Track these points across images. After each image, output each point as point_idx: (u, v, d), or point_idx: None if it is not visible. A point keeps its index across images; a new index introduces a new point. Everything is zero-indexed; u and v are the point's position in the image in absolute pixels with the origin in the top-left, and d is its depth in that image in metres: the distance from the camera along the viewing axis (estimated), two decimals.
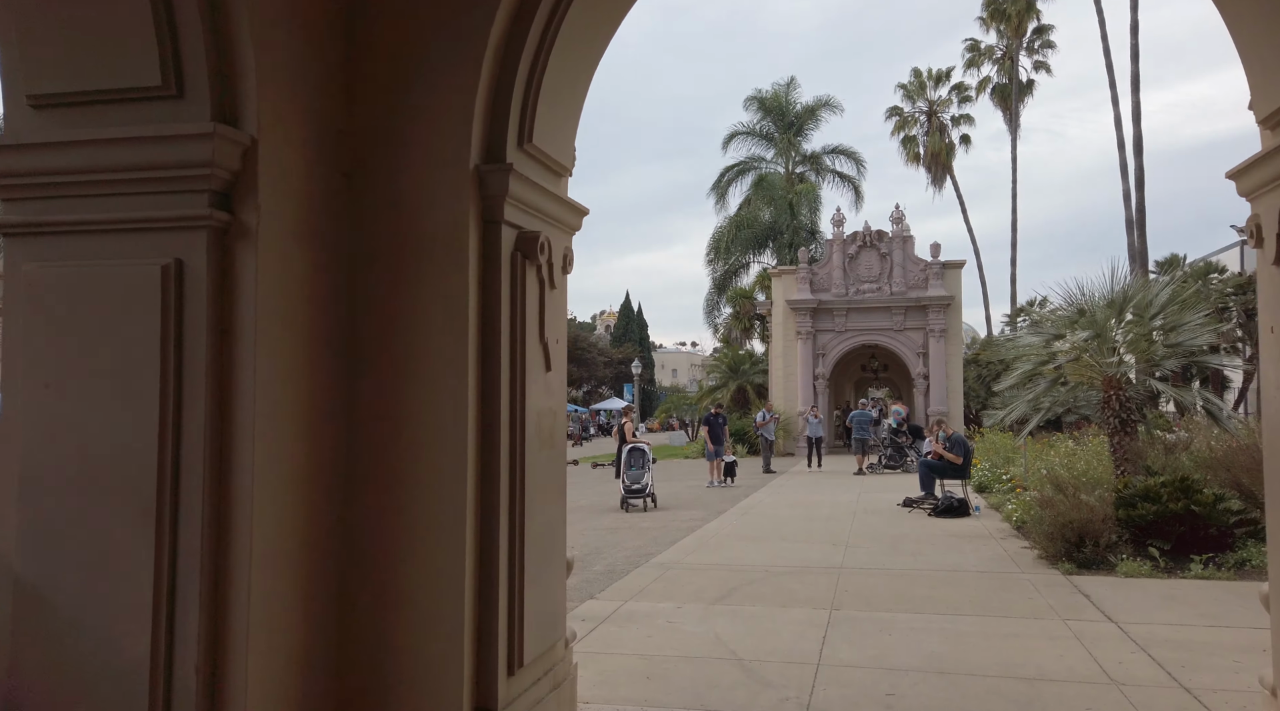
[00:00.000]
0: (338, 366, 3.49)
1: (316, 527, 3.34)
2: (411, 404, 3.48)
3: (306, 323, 3.30)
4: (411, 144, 3.52)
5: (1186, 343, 10.16)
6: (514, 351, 3.68)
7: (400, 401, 3.49)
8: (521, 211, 3.74)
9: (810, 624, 6.49)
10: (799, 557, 9.47)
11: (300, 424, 3.25)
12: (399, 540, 3.46)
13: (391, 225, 3.54)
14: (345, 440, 3.51)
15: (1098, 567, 8.41)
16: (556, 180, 4.14)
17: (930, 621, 6.53)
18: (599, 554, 10.01)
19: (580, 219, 4.34)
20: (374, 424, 3.51)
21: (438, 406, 3.46)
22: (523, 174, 3.65)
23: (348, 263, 3.55)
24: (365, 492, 3.50)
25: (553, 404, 4.04)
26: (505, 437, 3.61)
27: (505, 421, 3.61)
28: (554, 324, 4.02)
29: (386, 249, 3.55)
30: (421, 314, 3.50)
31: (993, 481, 15.92)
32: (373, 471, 3.49)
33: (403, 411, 3.49)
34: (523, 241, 3.73)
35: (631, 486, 14.57)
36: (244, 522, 2.99)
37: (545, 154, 3.89)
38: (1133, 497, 8.81)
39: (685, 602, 7.28)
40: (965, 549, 9.88)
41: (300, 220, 3.28)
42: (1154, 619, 6.52)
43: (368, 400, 3.52)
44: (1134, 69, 32.31)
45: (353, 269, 3.56)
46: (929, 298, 29.01)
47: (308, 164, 3.32)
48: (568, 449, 36.74)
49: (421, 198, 3.52)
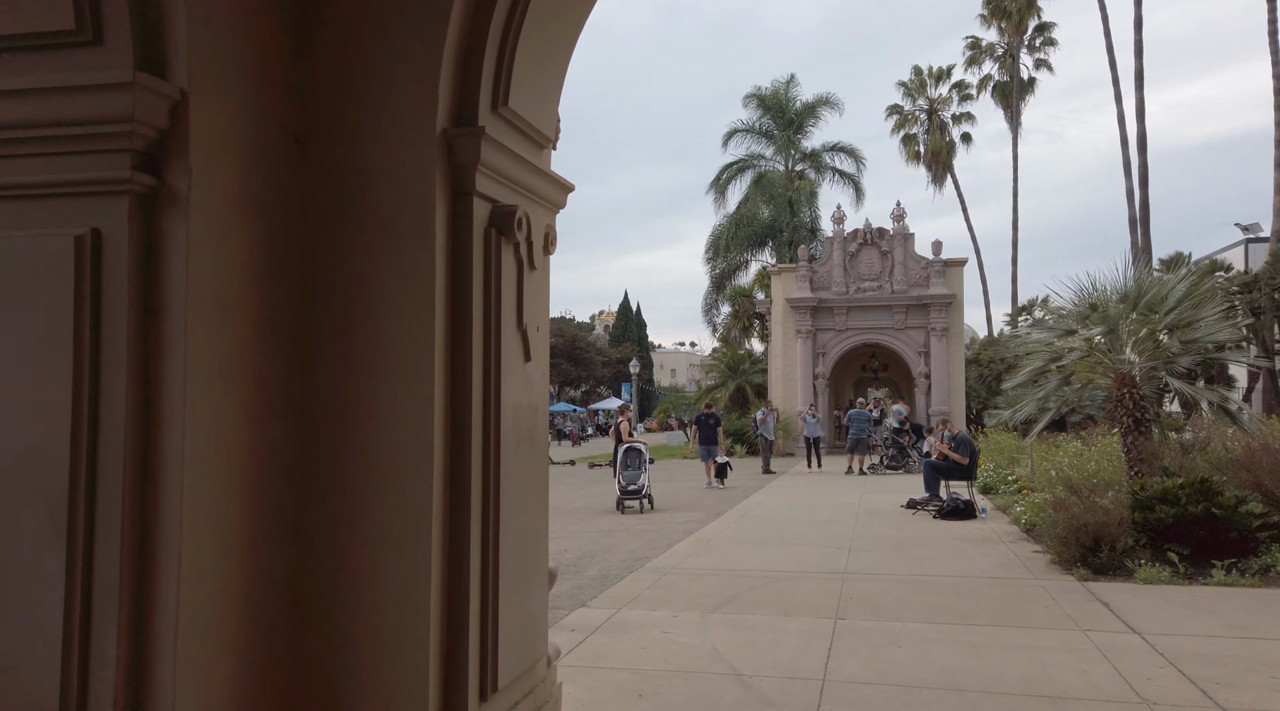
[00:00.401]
0: (288, 354, 3.10)
1: (262, 540, 2.95)
2: (371, 397, 3.09)
3: (250, 304, 2.91)
4: (371, 104, 3.13)
5: (1203, 339, 9.77)
6: (488, 339, 3.30)
7: (359, 394, 3.10)
8: (497, 183, 3.36)
9: (814, 634, 6.10)
10: (801, 562, 9.08)
11: (242, 419, 2.86)
12: (356, 551, 3.06)
13: (350, 196, 3.16)
14: (298, 438, 3.12)
15: (1114, 573, 8.02)
16: (538, 151, 3.75)
17: (942, 632, 6.14)
18: (592, 558, 9.62)
19: (565, 195, 3.95)
20: (329, 420, 3.12)
21: (401, 400, 3.07)
22: (497, 140, 3.27)
23: (300, 238, 3.16)
24: (320, 499, 3.11)
25: (533, 398, 3.65)
26: (477, 436, 3.22)
27: (477, 418, 3.22)
28: (534, 309, 3.63)
29: (344, 223, 3.16)
30: (383, 296, 3.12)
31: (998, 482, 15.55)
32: (328, 475, 3.11)
33: (361, 406, 3.10)
34: (498, 216, 3.34)
35: (628, 487, 14.18)
36: (172, 533, 2.60)
37: (524, 120, 3.50)
38: (1150, 500, 8.43)
39: (681, 611, 6.89)
40: (974, 553, 9.49)
41: (242, 188, 2.89)
42: (1179, 629, 6.13)
43: (323, 393, 3.13)
44: (1138, 65, 31.95)
45: (306, 245, 3.17)
46: (930, 296, 28.63)
47: (251, 125, 2.93)
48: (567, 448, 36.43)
49: (383, 165, 3.13)
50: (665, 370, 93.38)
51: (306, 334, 3.14)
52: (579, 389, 66.36)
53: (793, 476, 21.07)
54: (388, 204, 3.13)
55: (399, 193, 3.12)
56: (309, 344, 3.14)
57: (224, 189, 2.81)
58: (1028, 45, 45.95)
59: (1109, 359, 10.04)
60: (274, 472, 3.00)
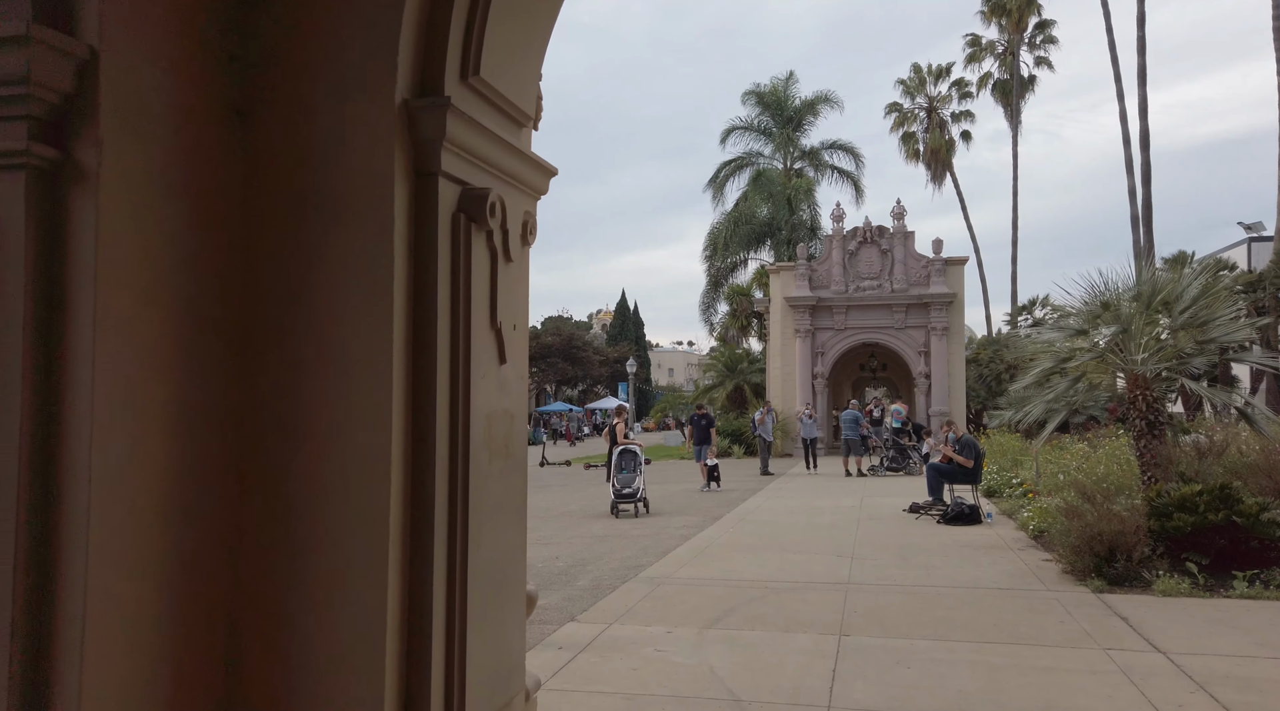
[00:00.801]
0: (224, 356, 2.71)
1: (191, 568, 2.57)
2: (321, 406, 2.71)
3: (176, 298, 2.53)
4: (322, 72, 2.75)
5: (1220, 338, 9.41)
6: (456, 339, 2.92)
7: (306, 402, 2.72)
8: (466, 163, 2.98)
9: (817, 654, 5.72)
10: (802, 571, 8.70)
11: (165, 429, 2.48)
12: (303, 582, 2.68)
13: (297, 177, 2.77)
14: (235, 452, 2.74)
15: (1131, 584, 7.66)
16: (515, 130, 3.37)
17: (954, 650, 5.77)
18: (584, 566, 9.24)
19: (546, 180, 3.56)
20: (272, 432, 2.74)
21: (354, 409, 2.70)
22: (466, 114, 2.88)
23: (240, 224, 2.78)
24: (260, 521, 2.72)
25: (508, 404, 3.27)
26: (443, 447, 2.84)
27: (443, 427, 2.84)
28: (510, 306, 3.25)
29: (291, 207, 2.78)
30: (335, 290, 2.73)
31: (1002, 485, 15.19)
32: (269, 494, 2.72)
33: (309, 415, 2.72)
34: (468, 200, 2.96)
35: (622, 491, 13.80)
36: (75, 569, 2.22)
37: (498, 94, 3.12)
38: (1167, 507, 8.06)
39: (676, 626, 6.51)
40: (982, 561, 9.12)
41: (168, 165, 2.51)
42: (1206, 648, 5.77)
43: (265, 401, 2.75)
44: (1140, 61, 31.58)
45: (247, 232, 2.79)
46: (931, 295, 28.27)
47: (180, 93, 2.55)
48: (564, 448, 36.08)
49: (335, 141, 2.75)
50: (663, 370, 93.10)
51: (246, 333, 2.76)
52: (576, 388, 65.97)
53: (791, 478, 20.70)
54: (340, 185, 2.75)
55: (353, 172, 2.74)
56: (249, 344, 2.76)
57: (144, 165, 2.43)
58: (1028, 42, 45.62)
59: (1122, 359, 9.68)
60: (204, 491, 2.62)
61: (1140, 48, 31.69)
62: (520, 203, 3.36)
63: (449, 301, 2.89)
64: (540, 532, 12.05)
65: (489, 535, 3.10)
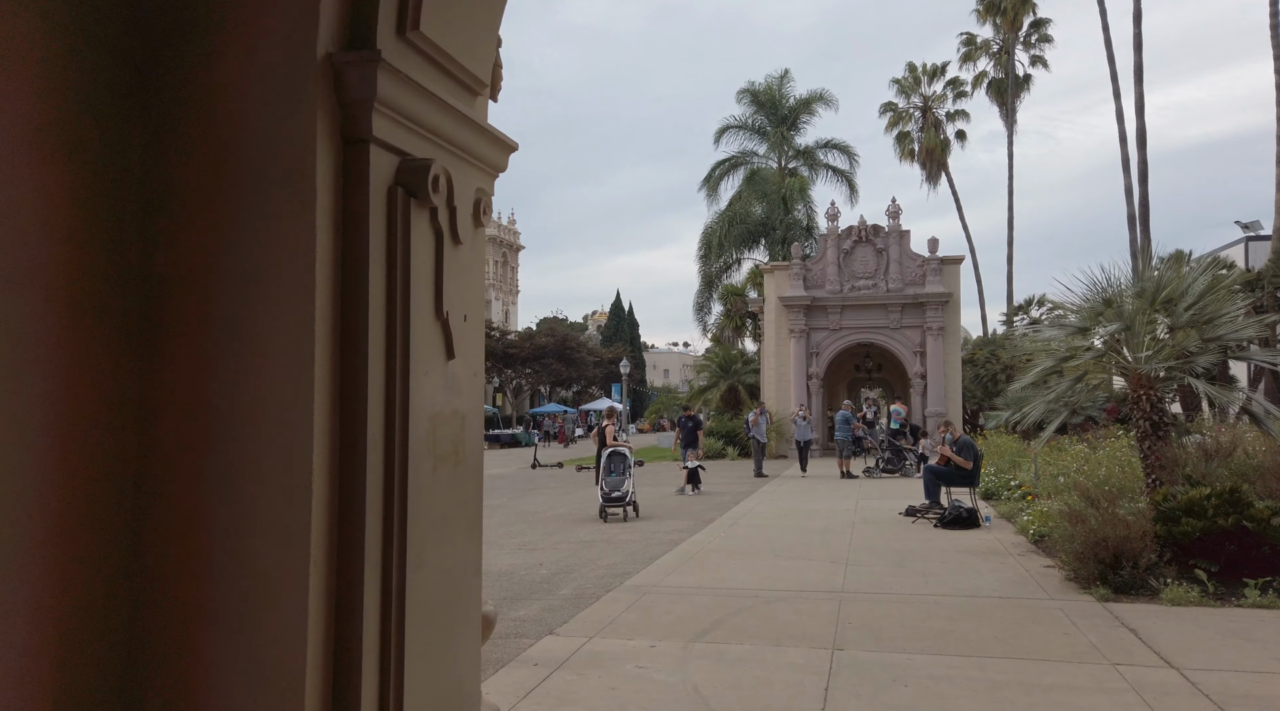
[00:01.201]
0: (118, 346, 2.35)
1: (76, 590, 2.20)
2: (230, 406, 2.35)
3: (55, 278, 2.17)
4: (233, 21, 2.39)
5: (1227, 336, 9.08)
6: (392, 331, 2.56)
7: (213, 401, 2.36)
8: (405, 130, 2.62)
9: (809, 670, 5.37)
10: (794, 578, 8.35)
11: (41, 432, 2.12)
12: (210, 609, 2.32)
13: (206, 142, 2.41)
14: (134, 456, 2.38)
15: (1137, 593, 7.32)
16: (467, 98, 3.01)
17: (954, 667, 5.42)
18: (568, 573, 8.88)
19: (504, 156, 3.20)
20: (174, 432, 2.38)
21: (270, 409, 2.34)
22: (404, 73, 2.53)
23: (138, 196, 2.42)
24: (159, 539, 2.36)
25: (458, 404, 2.91)
26: (376, 453, 2.49)
27: (376, 430, 2.49)
28: (460, 293, 2.89)
29: (200, 178, 2.42)
30: (250, 273, 2.38)
31: (1000, 488, 14.87)
32: (172, 506, 2.36)
33: (217, 416, 2.36)
34: (407, 173, 2.61)
35: (610, 494, 13.43)
36: None
37: (444, 54, 2.76)
38: (1174, 511, 7.73)
39: (661, 639, 6.15)
40: (981, 568, 8.78)
41: (45, 124, 2.15)
42: (1222, 663, 5.43)
43: (165, 400, 2.39)
44: (1137, 59, 31.33)
45: (146, 206, 2.43)
46: (927, 294, 27.95)
47: (62, 41, 2.19)
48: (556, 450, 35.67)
49: (248, 101, 2.39)
50: (658, 370, 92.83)
51: (144, 320, 2.40)
52: (570, 389, 65.58)
53: (785, 481, 20.35)
54: (255, 153, 2.39)
55: (270, 139, 2.38)
56: (148, 334, 2.40)
57: (15, 122, 2.07)
58: (1023, 41, 45.40)
59: (1124, 358, 9.35)
60: (90, 504, 2.25)
61: (1137, 44, 31.45)
62: (472, 179, 3.00)
63: (384, 287, 2.54)
64: (525, 537, 11.69)
65: (434, 552, 2.74)
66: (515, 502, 16.73)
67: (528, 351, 55.08)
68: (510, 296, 72.37)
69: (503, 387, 58.03)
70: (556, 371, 58.54)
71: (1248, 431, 10.71)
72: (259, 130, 2.39)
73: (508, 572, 9.00)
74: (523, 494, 18.71)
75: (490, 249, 69.33)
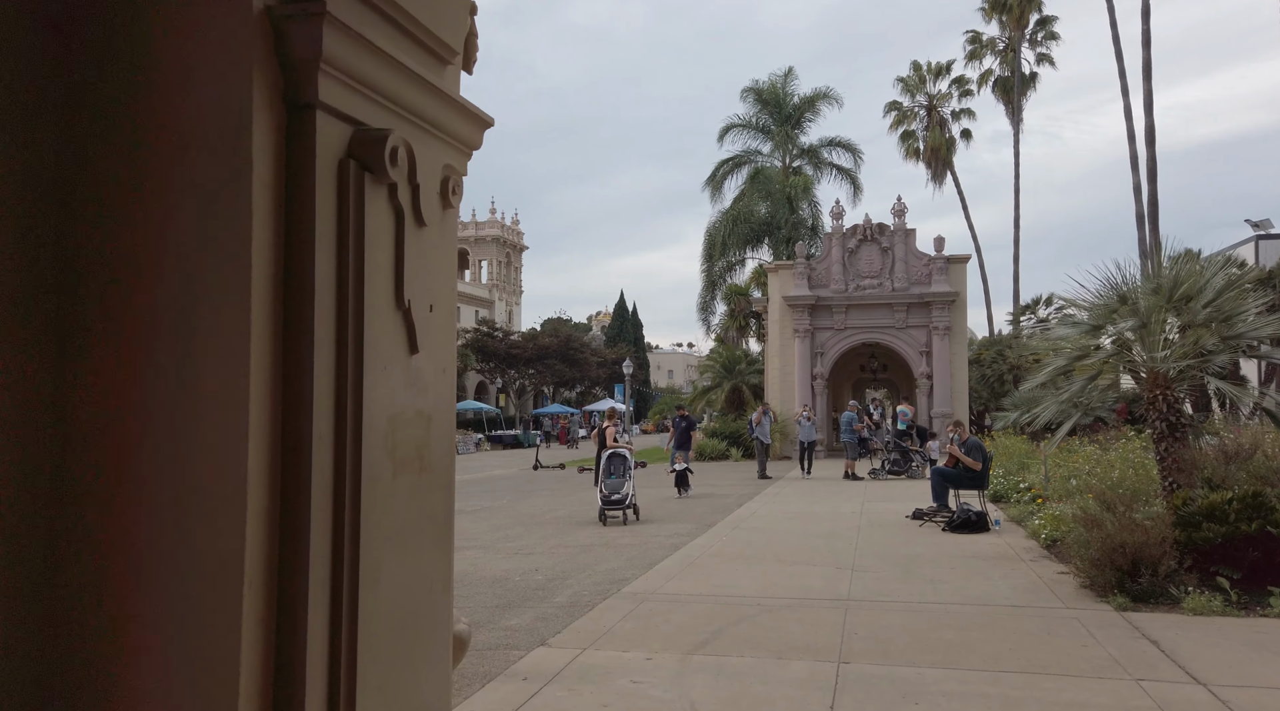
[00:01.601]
0: (31, 340, 2.08)
1: None
2: (157, 406, 2.08)
3: None
4: None
5: (1248, 334, 8.77)
6: (343, 321, 2.28)
7: (138, 401, 2.09)
8: (359, 96, 2.34)
9: (813, 686, 5.08)
10: (798, 585, 8.06)
11: None
12: (129, 636, 2.05)
13: (131, 109, 2.14)
14: (49, 463, 2.10)
15: (1157, 601, 7.02)
16: (435, 66, 2.72)
17: (967, 682, 5.12)
18: (564, 579, 8.59)
19: (478, 131, 2.92)
20: (94, 436, 2.10)
21: (201, 410, 2.06)
22: (355, 30, 2.25)
23: (53, 170, 2.14)
24: (78, 554, 2.09)
25: (423, 404, 2.63)
26: (325, 458, 2.21)
27: (325, 432, 2.21)
28: (425, 280, 2.61)
29: (124, 149, 2.15)
30: (180, 255, 2.10)
31: (1009, 490, 14.54)
32: (92, 518, 2.09)
33: (142, 418, 2.08)
34: (360, 143, 2.33)
35: (610, 497, 13.14)
36: None
37: (404, 14, 2.48)
38: (1194, 516, 7.42)
39: (657, 651, 5.87)
40: (992, 574, 8.48)
41: None
42: (1251, 678, 5.13)
43: (82, 400, 2.12)
44: (1145, 56, 30.92)
45: (63, 180, 2.16)
46: (933, 294, 27.63)
47: None
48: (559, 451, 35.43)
49: (176, 61, 2.12)
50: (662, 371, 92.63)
51: (59, 311, 2.13)
52: (574, 390, 65.31)
53: (789, 482, 20.04)
54: (185, 120, 2.11)
55: (201, 103, 2.11)
56: (63, 326, 2.13)
57: None
58: (1029, 39, 44.99)
59: (1140, 356, 9.04)
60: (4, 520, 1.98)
61: (1145, 41, 31.04)
62: (439, 154, 2.72)
63: (333, 271, 2.26)
64: (522, 541, 11.41)
65: (393, 567, 2.46)
66: (515, 504, 16.45)
67: (531, 352, 54.78)
68: (514, 297, 72.15)
69: (506, 388, 57.78)
70: (560, 372, 58.26)
71: (1268, 432, 10.37)
72: (188, 94, 2.11)
73: (501, 578, 8.72)
74: (522, 496, 18.44)
75: (494, 249, 69.15)
